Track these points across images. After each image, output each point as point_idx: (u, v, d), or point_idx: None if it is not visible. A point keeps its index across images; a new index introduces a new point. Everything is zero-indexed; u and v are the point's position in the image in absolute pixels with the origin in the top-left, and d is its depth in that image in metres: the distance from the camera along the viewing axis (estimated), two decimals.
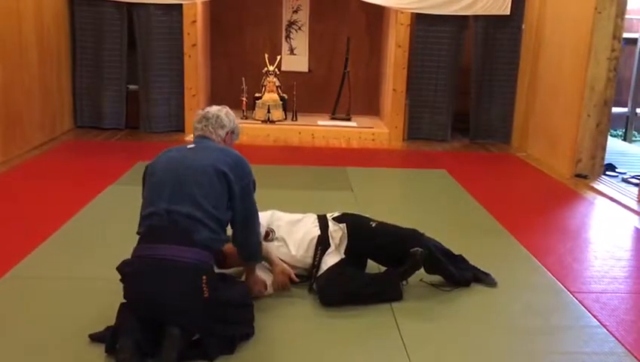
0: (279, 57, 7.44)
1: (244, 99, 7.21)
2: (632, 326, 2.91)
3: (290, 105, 7.34)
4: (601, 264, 3.68)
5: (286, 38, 7.84)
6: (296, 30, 7.82)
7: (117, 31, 6.81)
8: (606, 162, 5.91)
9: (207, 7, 7.34)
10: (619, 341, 2.74)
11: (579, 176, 5.70)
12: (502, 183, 5.65)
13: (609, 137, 6.00)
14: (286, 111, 7.34)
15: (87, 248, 3.55)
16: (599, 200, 5.08)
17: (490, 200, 4.82)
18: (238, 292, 2.67)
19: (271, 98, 7.22)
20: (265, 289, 2.96)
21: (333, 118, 7.54)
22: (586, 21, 5.55)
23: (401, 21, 6.81)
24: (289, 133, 7.05)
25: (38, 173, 5.14)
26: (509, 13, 6.80)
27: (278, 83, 7.29)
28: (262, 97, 7.24)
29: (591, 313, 3.01)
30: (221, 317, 2.47)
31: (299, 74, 7.72)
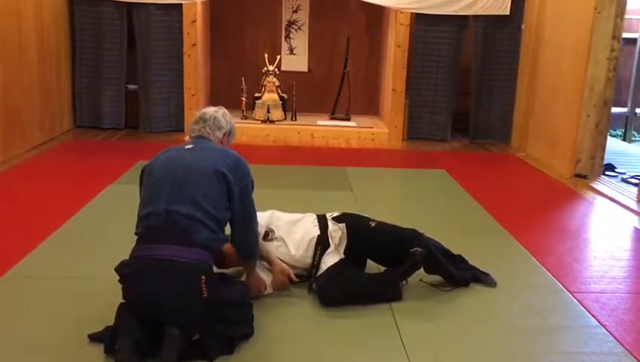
0: (279, 57, 7.44)
1: (244, 99, 7.21)
2: (631, 326, 2.91)
3: (289, 105, 7.34)
4: (601, 264, 3.69)
5: (286, 38, 7.84)
6: (295, 30, 7.81)
7: (116, 31, 6.81)
8: (605, 162, 5.91)
9: (206, 6, 7.34)
10: (618, 341, 2.75)
11: (578, 176, 5.71)
12: (501, 183, 5.65)
13: (608, 137, 6.00)
14: (285, 111, 7.34)
15: (86, 248, 3.55)
16: (599, 200, 5.08)
17: (489, 200, 4.82)
18: (237, 292, 2.66)
19: (270, 98, 7.22)
20: (265, 289, 2.96)
21: (332, 118, 7.54)
22: (585, 21, 5.55)
23: (401, 21, 6.82)
24: (288, 133, 7.05)
25: (37, 173, 5.14)
26: (508, 13, 6.81)
27: (277, 83, 7.29)
28: (261, 97, 7.24)
29: (590, 313, 3.01)
30: (220, 316, 2.47)
31: (298, 74, 7.72)
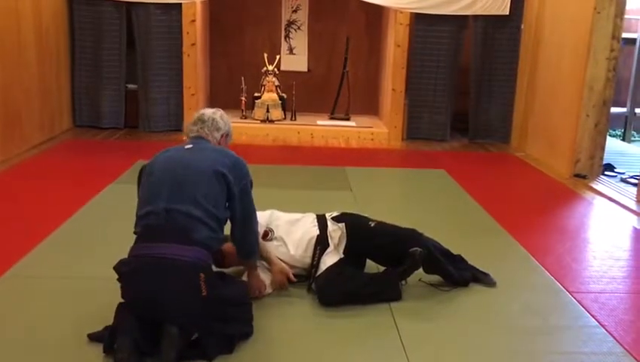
0: (278, 57, 7.44)
1: (244, 98, 7.21)
2: (630, 326, 2.91)
3: (289, 104, 7.34)
4: (600, 264, 3.69)
5: (285, 38, 7.83)
6: (295, 30, 7.81)
7: (116, 30, 6.80)
8: (605, 162, 5.92)
9: (206, 6, 7.34)
10: (617, 341, 2.75)
11: (578, 175, 5.71)
12: (501, 183, 5.65)
13: (608, 137, 6.01)
14: (285, 111, 7.34)
15: (86, 247, 3.55)
16: (598, 200, 5.08)
17: (489, 200, 4.82)
18: (236, 291, 2.67)
19: (270, 98, 7.21)
20: (264, 290, 2.96)
21: (332, 118, 7.54)
22: (585, 21, 5.56)
23: (401, 21, 6.82)
24: (288, 133, 7.05)
25: (37, 173, 5.14)
26: (508, 13, 6.81)
27: (277, 82, 7.29)
28: (261, 97, 7.24)
29: (589, 313, 3.01)
30: (219, 315, 2.47)
31: (298, 73, 7.71)
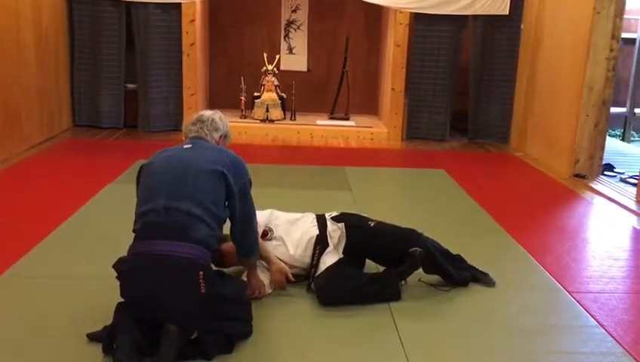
0: (278, 56, 7.44)
1: (243, 98, 7.21)
2: (630, 326, 2.91)
3: (288, 104, 7.34)
4: (599, 264, 3.69)
5: (285, 38, 7.84)
6: (295, 29, 7.81)
7: (115, 30, 6.80)
8: (604, 162, 5.92)
9: (205, 6, 7.34)
10: (617, 341, 2.74)
11: (577, 175, 5.71)
12: (500, 183, 5.65)
13: (607, 137, 6.01)
14: (285, 111, 7.34)
15: (85, 247, 3.55)
16: (597, 200, 5.08)
17: (488, 199, 4.82)
18: (235, 289, 2.67)
19: (270, 97, 7.22)
20: (264, 290, 2.96)
21: (331, 118, 7.54)
22: (584, 21, 5.56)
23: (400, 20, 6.82)
24: (288, 133, 7.05)
25: (36, 172, 5.13)
26: (507, 13, 6.81)
27: (276, 82, 7.30)
28: (260, 96, 7.24)
29: (589, 313, 3.01)
30: (218, 313, 2.47)
31: (298, 73, 7.72)
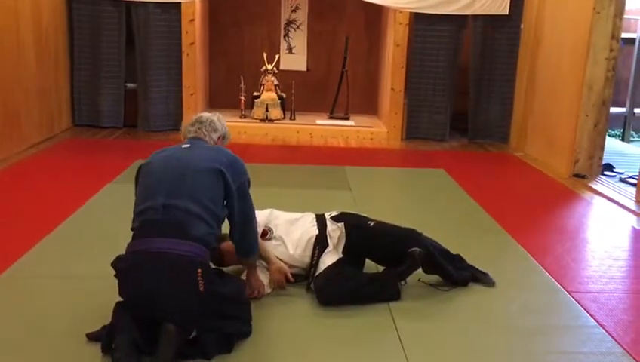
0: (278, 56, 7.44)
1: (243, 97, 7.21)
2: (629, 326, 2.91)
3: (288, 104, 7.34)
4: (599, 264, 3.69)
5: (284, 37, 7.83)
6: (294, 29, 7.81)
7: (115, 29, 6.80)
8: (604, 162, 5.92)
9: (205, 5, 7.34)
10: (616, 341, 2.74)
11: (577, 175, 5.71)
12: (500, 183, 5.65)
13: (607, 137, 6.01)
14: (284, 110, 7.34)
15: (85, 246, 3.55)
16: (597, 200, 5.08)
17: (488, 199, 4.82)
18: (233, 287, 2.67)
19: (269, 97, 7.22)
20: (264, 290, 2.96)
21: (331, 117, 7.54)
22: (584, 21, 5.56)
23: (400, 20, 6.82)
24: (287, 132, 7.05)
25: (36, 172, 5.13)
26: (507, 13, 6.81)
27: (276, 82, 7.30)
28: (260, 96, 7.24)
29: (588, 313, 3.01)
30: (217, 311, 2.47)
31: (297, 73, 7.72)
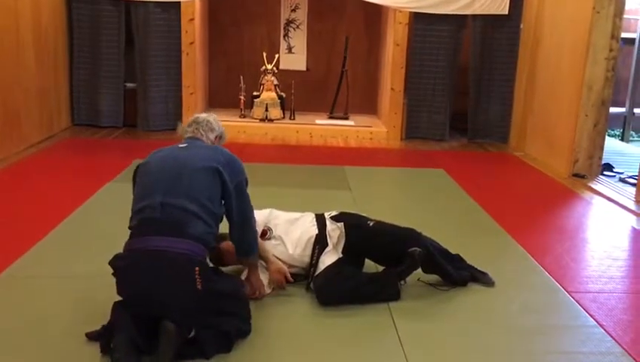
0: (277, 56, 7.44)
1: (242, 97, 7.21)
2: (629, 325, 2.91)
3: (288, 103, 7.34)
4: (599, 264, 3.69)
5: (284, 37, 7.83)
6: (294, 29, 7.81)
7: (115, 29, 6.80)
8: (603, 162, 5.92)
9: (205, 4, 7.34)
10: (616, 341, 2.75)
11: (576, 175, 5.71)
12: (500, 183, 5.65)
13: (606, 137, 6.01)
14: (284, 110, 7.34)
15: (84, 246, 3.54)
16: (597, 200, 5.08)
17: (487, 199, 4.82)
18: (230, 284, 2.68)
19: (269, 96, 7.21)
20: (264, 290, 2.96)
21: (331, 117, 7.54)
22: (584, 21, 5.56)
23: (400, 20, 6.81)
24: (287, 132, 7.04)
25: (35, 172, 5.13)
26: (507, 13, 6.81)
27: (276, 81, 7.29)
28: (260, 96, 7.24)
29: (588, 313, 3.01)
30: (214, 309, 2.48)
31: (297, 72, 7.71)
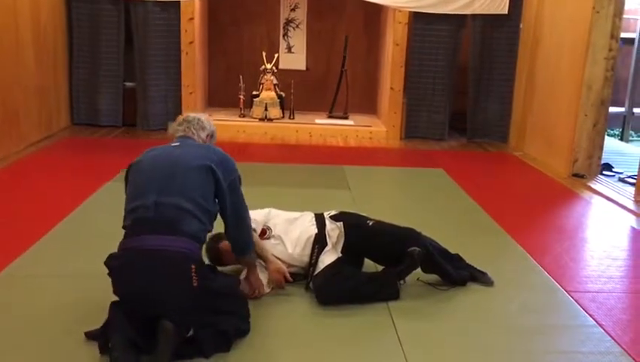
0: (277, 55, 7.43)
1: (242, 96, 7.20)
2: (628, 325, 2.91)
3: (287, 103, 7.33)
4: (598, 263, 3.69)
5: (284, 36, 7.82)
6: (294, 28, 7.80)
7: (114, 28, 6.79)
8: (603, 161, 5.92)
9: (204, 4, 7.33)
10: (615, 340, 2.75)
11: (576, 175, 5.71)
12: (499, 182, 5.65)
13: (606, 137, 6.01)
14: (283, 110, 7.34)
15: (83, 245, 3.54)
16: (596, 200, 5.08)
17: (487, 199, 4.82)
18: (227, 282, 2.69)
19: (268, 96, 7.21)
20: (263, 290, 2.96)
21: (330, 117, 7.54)
22: (583, 20, 5.56)
23: (399, 19, 6.81)
24: (286, 132, 7.04)
25: (34, 171, 5.12)
26: (506, 13, 6.81)
27: (275, 81, 7.29)
28: (259, 95, 7.23)
29: (587, 312, 3.01)
30: (211, 307, 2.48)
31: (296, 72, 7.71)
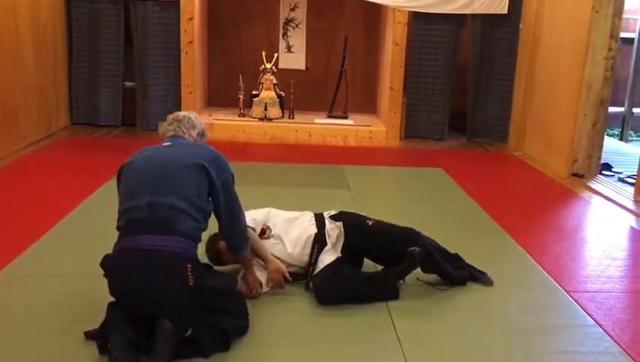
0: (276, 55, 7.43)
1: (241, 96, 7.20)
2: (627, 325, 2.91)
3: (287, 102, 7.33)
4: (597, 263, 3.69)
5: (283, 36, 7.82)
6: (293, 28, 7.80)
7: (114, 27, 6.79)
8: (602, 161, 5.92)
9: (204, 3, 7.33)
10: (614, 340, 2.75)
11: (575, 175, 5.71)
12: (499, 182, 5.65)
13: (605, 136, 6.01)
14: (283, 109, 7.33)
15: (82, 245, 3.54)
16: (595, 200, 5.08)
17: (486, 198, 4.82)
18: (223, 281, 2.69)
19: (268, 96, 7.21)
20: (261, 288, 2.96)
21: (330, 116, 7.54)
22: (583, 20, 5.56)
23: (399, 19, 6.81)
24: (286, 131, 7.04)
25: (34, 170, 5.12)
26: (506, 12, 6.81)
27: (275, 80, 7.29)
28: (259, 95, 7.23)
29: (586, 312, 3.01)
30: (208, 306, 2.48)
31: (296, 72, 7.71)
